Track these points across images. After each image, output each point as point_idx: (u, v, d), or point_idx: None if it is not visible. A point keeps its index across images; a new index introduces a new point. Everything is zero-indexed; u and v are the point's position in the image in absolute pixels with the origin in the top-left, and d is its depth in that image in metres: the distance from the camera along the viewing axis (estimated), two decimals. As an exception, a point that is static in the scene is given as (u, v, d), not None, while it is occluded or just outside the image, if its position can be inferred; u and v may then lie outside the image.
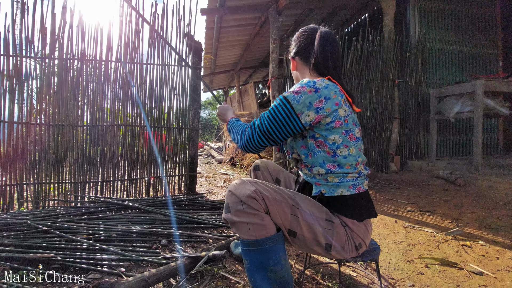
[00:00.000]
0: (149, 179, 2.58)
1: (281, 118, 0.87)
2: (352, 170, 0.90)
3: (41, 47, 2.26)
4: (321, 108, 0.85)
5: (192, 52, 2.65)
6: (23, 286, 1.12)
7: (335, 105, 0.86)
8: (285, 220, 0.84)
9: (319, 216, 0.87)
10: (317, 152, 0.90)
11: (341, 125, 0.88)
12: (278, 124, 0.88)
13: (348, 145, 0.89)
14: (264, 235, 0.81)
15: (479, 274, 1.30)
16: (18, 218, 1.69)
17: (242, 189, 0.82)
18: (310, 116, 0.86)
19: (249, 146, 0.94)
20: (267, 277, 0.82)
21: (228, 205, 0.83)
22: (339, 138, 0.88)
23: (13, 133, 2.18)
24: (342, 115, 0.88)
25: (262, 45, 5.48)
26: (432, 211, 2.19)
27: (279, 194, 0.85)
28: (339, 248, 0.88)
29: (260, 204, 0.81)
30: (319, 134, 0.89)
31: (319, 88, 0.86)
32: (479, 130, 2.97)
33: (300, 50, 1.04)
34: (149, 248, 1.49)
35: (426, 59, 3.85)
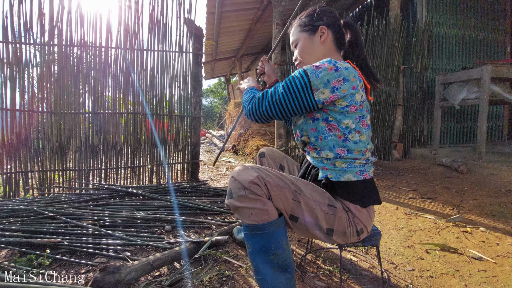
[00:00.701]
0: (152, 167, 2.60)
1: (295, 90, 0.85)
2: (360, 156, 0.90)
3: (40, 34, 2.23)
4: (338, 88, 0.84)
5: (193, 38, 2.60)
6: (32, 269, 1.15)
7: (352, 89, 0.85)
8: (287, 205, 0.85)
9: (321, 202, 0.88)
10: (328, 135, 0.90)
11: (356, 110, 0.88)
12: (291, 95, 0.86)
13: (360, 131, 0.89)
14: (266, 220, 0.82)
15: (478, 260, 1.31)
16: (24, 205, 1.72)
17: (244, 175, 0.82)
18: (325, 94, 0.84)
19: (255, 112, 0.91)
20: (269, 260, 0.83)
21: (231, 191, 0.83)
22: (352, 123, 0.88)
23: (16, 121, 2.19)
24: (359, 100, 0.87)
25: (264, 31, 5.36)
26: (434, 198, 2.20)
27: (282, 179, 0.85)
28: (341, 233, 0.89)
29: (262, 190, 0.81)
30: (333, 117, 0.88)
31: (340, 68, 0.84)
32: (484, 117, 2.93)
33: (335, 26, 0.99)
34: (153, 234, 1.52)
35: (433, 44, 3.75)
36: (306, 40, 1.01)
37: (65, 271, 1.18)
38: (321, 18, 0.99)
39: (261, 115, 0.91)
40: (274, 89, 0.89)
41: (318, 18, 0.99)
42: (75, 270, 1.19)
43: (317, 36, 0.99)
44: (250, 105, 0.93)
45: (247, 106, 0.94)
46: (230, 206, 0.84)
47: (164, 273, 1.16)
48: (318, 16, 0.99)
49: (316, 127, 0.92)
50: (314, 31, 0.99)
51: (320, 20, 0.99)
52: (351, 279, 1.15)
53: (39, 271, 1.15)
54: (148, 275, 1.13)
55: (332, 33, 0.99)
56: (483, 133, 2.95)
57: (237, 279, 1.12)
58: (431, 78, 3.75)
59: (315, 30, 0.99)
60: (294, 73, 0.87)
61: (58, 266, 1.21)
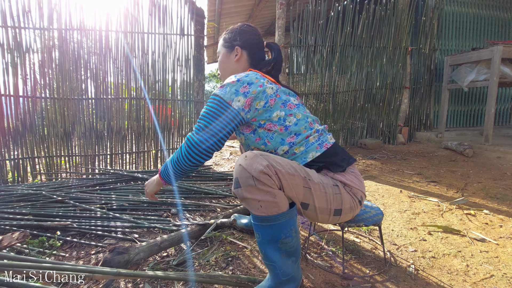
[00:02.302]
0: (157, 152, 2.62)
1: (216, 111, 0.89)
2: (309, 131, 0.94)
3: (38, 17, 2.19)
4: (248, 91, 0.90)
5: (194, 20, 2.53)
6: (44, 250, 1.20)
7: (259, 87, 0.91)
8: (298, 193, 0.83)
9: (328, 183, 0.88)
10: (272, 135, 0.93)
11: (275, 101, 0.93)
12: (215, 118, 0.88)
13: (292, 113, 0.94)
14: (276, 212, 0.79)
15: (481, 241, 1.33)
16: (33, 189, 1.76)
17: (253, 163, 0.78)
18: (240, 101, 0.89)
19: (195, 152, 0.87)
20: (278, 248, 0.83)
21: (238, 180, 0.79)
22: (280, 112, 0.92)
23: (20, 107, 2.20)
24: (271, 92, 0.92)
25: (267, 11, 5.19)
26: (438, 181, 2.20)
27: (291, 166, 0.83)
28: (348, 210, 0.91)
29: (273, 180, 0.78)
30: (263, 119, 0.92)
31: (240, 77, 0.92)
32: (493, 99, 2.86)
33: (251, 47, 1.06)
34: (160, 217, 1.56)
35: (442, 24, 3.61)
36: (224, 56, 1.09)
37: (75, 252, 1.22)
38: (239, 39, 1.06)
39: (203, 151, 0.87)
40: (197, 123, 0.90)
41: (236, 38, 1.06)
42: (85, 251, 1.23)
43: (233, 54, 1.06)
44: (185, 150, 0.87)
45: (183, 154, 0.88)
46: (238, 196, 0.81)
47: (171, 254, 1.19)
48: (237, 36, 1.06)
49: (258, 136, 0.95)
50: (231, 50, 1.07)
51: (238, 40, 1.06)
52: (354, 259, 1.18)
53: (51, 252, 1.19)
54: (156, 255, 1.17)
55: (247, 54, 1.06)
56: (491, 116, 2.90)
57: (242, 260, 1.15)
58: (440, 60, 3.63)
59: (232, 49, 1.06)
60: (207, 103, 0.94)
61: (69, 248, 1.25)
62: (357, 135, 3.49)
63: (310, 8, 3.02)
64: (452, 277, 1.06)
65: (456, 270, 1.10)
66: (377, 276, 1.05)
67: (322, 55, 3.17)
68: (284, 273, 0.85)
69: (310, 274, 1.06)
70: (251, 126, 0.95)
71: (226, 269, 1.09)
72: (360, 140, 3.44)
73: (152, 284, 0.98)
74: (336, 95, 3.31)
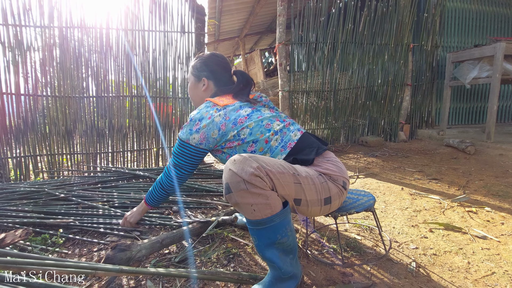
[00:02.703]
0: (158, 150, 2.62)
1: (180, 151, 1.06)
2: (266, 134, 0.97)
3: (39, 15, 2.19)
4: (199, 128, 1.01)
5: (194, 17, 2.53)
6: (47, 248, 1.20)
7: (208, 119, 1.00)
8: (290, 190, 0.83)
9: (314, 174, 0.89)
10: (234, 150, 1.01)
11: (226, 125, 0.99)
12: (181, 155, 1.06)
13: (244, 126, 0.99)
14: (269, 214, 0.79)
15: (482, 238, 1.32)
16: (35, 187, 1.77)
17: (243, 166, 0.76)
18: (195, 138, 1.01)
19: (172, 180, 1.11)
20: (275, 248, 0.84)
21: (229, 185, 0.77)
22: (233, 131, 0.99)
23: (22, 105, 2.20)
24: (219, 119, 1.00)
25: (268, 8, 5.17)
26: (440, 179, 2.19)
27: (281, 165, 0.83)
28: (336, 196, 0.93)
29: (264, 182, 0.77)
30: (223, 142, 1.02)
31: (192, 117, 1.03)
32: (495, 96, 2.84)
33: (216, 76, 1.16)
34: (161, 214, 1.56)
35: (445, 20, 3.58)
36: (192, 84, 1.20)
37: (78, 249, 1.22)
38: (206, 69, 1.16)
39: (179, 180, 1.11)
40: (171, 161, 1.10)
41: (203, 69, 1.16)
42: (87, 248, 1.24)
43: (200, 84, 1.17)
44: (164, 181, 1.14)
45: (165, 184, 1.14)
46: (230, 202, 0.80)
47: (173, 251, 1.20)
48: (203, 66, 1.17)
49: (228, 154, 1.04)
50: (199, 79, 1.17)
51: (204, 71, 1.16)
52: (355, 256, 1.18)
53: (54, 249, 1.20)
54: (158, 252, 1.17)
55: (213, 83, 1.16)
56: (493, 113, 2.88)
57: (244, 257, 1.16)
58: (442, 57, 3.61)
59: (200, 79, 1.17)
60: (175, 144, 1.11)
61: (71, 245, 1.26)
62: (358, 133, 3.48)
63: (311, 5, 3.00)
64: (453, 274, 1.06)
65: (458, 267, 1.10)
66: (377, 273, 1.06)
67: (323, 52, 3.15)
68: (285, 272, 0.85)
69: (311, 271, 1.06)
70: (219, 150, 1.06)
71: (227, 266, 1.10)
72: (361, 138, 3.43)
73: (154, 281, 0.99)
74: (337, 93, 3.30)
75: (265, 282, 0.88)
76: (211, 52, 1.21)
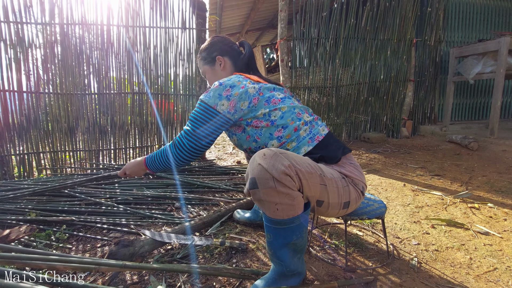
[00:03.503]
0: (160, 146, 2.63)
1: (202, 116, 0.95)
2: (297, 122, 0.95)
3: (40, 12, 2.18)
4: (230, 94, 0.94)
5: (195, 13, 2.51)
6: (51, 243, 1.22)
7: (241, 88, 0.95)
8: (316, 191, 0.80)
9: (338, 177, 0.87)
10: (260, 131, 0.96)
11: (259, 100, 0.96)
12: (202, 122, 0.94)
13: (277, 108, 0.95)
14: (292, 215, 0.77)
15: (485, 234, 1.32)
16: (39, 184, 1.78)
17: (274, 162, 0.72)
18: (224, 104, 0.94)
19: (183, 154, 0.96)
20: (288, 248, 0.83)
21: (255, 180, 0.73)
22: (264, 109, 0.95)
23: (24, 102, 2.21)
24: (253, 92, 0.96)
25: (269, 4, 5.12)
26: (442, 175, 2.18)
27: (309, 164, 0.80)
28: (354, 201, 0.91)
29: (294, 181, 0.73)
30: (250, 117, 0.96)
31: (223, 82, 0.96)
32: (499, 92, 2.82)
33: (230, 52, 1.13)
34: (164, 210, 1.57)
35: (448, 15, 3.54)
36: (209, 72, 1.16)
37: (82, 245, 1.24)
38: (215, 49, 1.13)
39: (191, 153, 0.96)
40: (186, 127, 0.97)
41: (213, 50, 1.14)
42: (91, 244, 1.25)
43: (217, 65, 1.14)
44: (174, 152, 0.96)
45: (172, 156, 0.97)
46: (253, 197, 0.76)
47: (175, 247, 1.21)
48: (212, 48, 1.14)
49: (248, 134, 0.99)
50: (213, 62, 1.14)
51: (214, 52, 1.13)
52: (356, 252, 1.18)
53: (58, 245, 1.21)
54: (161, 248, 1.18)
55: (228, 59, 1.13)
56: (497, 109, 2.86)
57: (246, 253, 1.16)
58: (445, 52, 3.57)
59: (214, 61, 1.14)
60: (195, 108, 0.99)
61: (75, 241, 1.27)
62: (361, 129, 3.47)
63: (313, 0, 2.97)
64: (455, 270, 1.06)
65: (459, 263, 1.10)
66: (380, 269, 1.06)
67: (325, 48, 3.13)
68: (290, 270, 0.86)
69: (313, 267, 1.07)
70: (241, 126, 1.00)
71: (229, 261, 1.10)
72: (363, 134, 3.42)
73: (157, 276, 0.99)
74: (340, 89, 3.28)
75: (268, 278, 0.88)
76: (211, 36, 1.19)
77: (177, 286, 0.95)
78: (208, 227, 1.35)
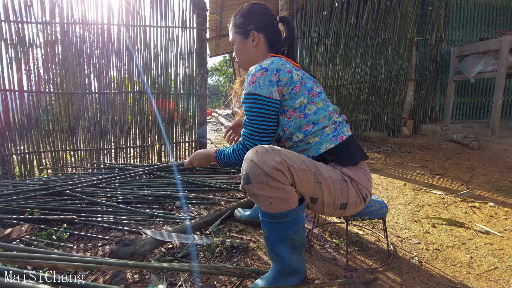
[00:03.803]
0: (161, 146, 2.63)
1: (260, 110, 0.88)
2: (327, 122, 0.93)
3: (40, 11, 2.18)
4: (279, 79, 0.89)
5: (196, 12, 2.51)
6: (52, 242, 1.22)
7: (287, 73, 0.90)
8: (309, 188, 0.82)
9: (336, 178, 0.87)
10: (290, 122, 0.93)
11: (300, 88, 0.92)
12: (262, 116, 0.89)
13: (314, 101, 0.93)
14: (286, 209, 0.78)
15: (485, 233, 1.32)
16: (40, 184, 1.78)
17: (266, 158, 0.75)
18: (276, 91, 0.89)
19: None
20: (285, 244, 0.83)
21: (249, 176, 0.76)
22: (304, 98, 0.92)
23: (25, 102, 2.21)
24: (297, 79, 0.92)
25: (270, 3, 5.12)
26: (443, 174, 2.18)
27: (303, 161, 0.82)
28: (353, 205, 0.91)
29: (285, 176, 0.76)
30: (287, 105, 0.92)
31: (266, 66, 0.89)
32: (500, 91, 2.81)
33: (267, 29, 1.02)
34: (164, 210, 1.57)
35: (449, 13, 3.53)
36: (240, 43, 1.05)
37: (83, 244, 1.24)
38: (252, 22, 1.02)
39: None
40: (246, 128, 0.91)
41: (250, 22, 1.02)
42: (92, 243, 1.25)
43: (249, 40, 1.03)
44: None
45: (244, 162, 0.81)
46: (247, 192, 0.79)
47: (176, 246, 1.21)
48: (248, 19, 1.02)
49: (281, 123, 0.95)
50: (247, 36, 1.03)
51: (252, 24, 1.02)
52: (357, 251, 1.18)
53: (59, 244, 1.21)
54: (162, 247, 1.18)
55: (264, 36, 1.02)
56: (498, 108, 2.85)
57: (246, 252, 1.16)
58: (446, 51, 3.57)
59: (248, 35, 1.02)
60: (243, 103, 0.92)
61: (76, 240, 1.28)
62: (361, 128, 3.46)
63: (313, -1, 2.96)
64: (455, 269, 1.06)
65: (460, 262, 1.10)
66: (380, 268, 1.06)
67: (325, 47, 3.13)
68: (290, 267, 0.86)
69: (313, 266, 1.07)
70: None
71: (230, 260, 1.11)
72: (364, 133, 3.42)
73: (158, 275, 1.00)
74: (340, 88, 3.27)
75: (268, 276, 0.88)
76: (251, 2, 1.06)
77: (178, 285, 0.95)
78: (208, 226, 1.35)
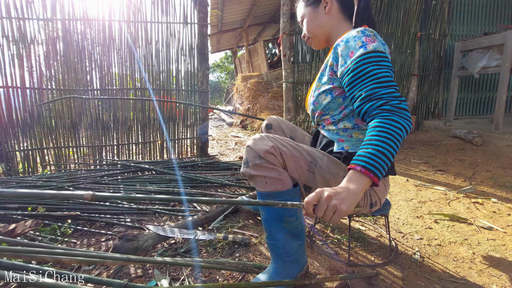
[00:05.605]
0: (162, 142, 2.64)
1: (389, 69, 0.77)
2: None
3: (41, 8, 2.18)
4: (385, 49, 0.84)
5: (197, 8, 2.49)
6: (56, 238, 1.23)
7: (382, 45, 0.83)
8: (301, 175, 0.86)
9: (337, 173, 0.87)
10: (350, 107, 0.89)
11: None
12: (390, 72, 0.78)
13: None
14: (280, 189, 0.83)
15: (488, 229, 1.32)
16: (43, 180, 1.80)
17: (260, 144, 0.82)
18: None
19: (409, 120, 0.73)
20: (282, 227, 0.86)
21: (247, 159, 0.84)
22: None
23: (27, 99, 2.22)
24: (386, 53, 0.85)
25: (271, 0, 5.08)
26: (445, 170, 2.17)
27: (297, 150, 0.86)
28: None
29: (277, 159, 0.82)
30: None
31: (368, 33, 0.82)
32: (505, 86, 2.78)
33: None
34: (167, 205, 1.58)
35: (453, 8, 3.48)
36: (310, 14, 0.98)
37: (86, 240, 1.25)
38: None
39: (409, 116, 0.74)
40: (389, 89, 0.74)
41: None
42: (95, 238, 1.26)
43: (321, 8, 0.96)
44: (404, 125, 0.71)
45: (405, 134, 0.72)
46: (246, 174, 0.85)
47: (179, 241, 1.22)
48: None
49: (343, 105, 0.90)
50: (318, 3, 0.96)
51: None
52: (359, 247, 1.18)
53: (63, 239, 1.23)
54: (164, 242, 1.19)
55: (336, 1, 0.95)
56: (502, 104, 2.82)
57: (248, 247, 1.17)
58: (450, 46, 3.52)
59: (318, 2, 0.96)
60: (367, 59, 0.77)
61: (79, 236, 1.29)
62: (363, 124, 3.45)
63: (315, -6, 2.93)
64: (458, 265, 1.06)
65: (462, 258, 1.10)
66: (382, 264, 1.06)
67: (328, 42, 3.10)
68: (287, 254, 0.87)
69: (315, 261, 1.07)
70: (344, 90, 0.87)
71: (232, 256, 1.11)
72: (366, 129, 3.40)
73: (161, 270, 1.01)
74: (342, 84, 3.25)
75: (269, 270, 0.89)
76: None
77: (180, 280, 0.96)
78: (211, 222, 1.36)
